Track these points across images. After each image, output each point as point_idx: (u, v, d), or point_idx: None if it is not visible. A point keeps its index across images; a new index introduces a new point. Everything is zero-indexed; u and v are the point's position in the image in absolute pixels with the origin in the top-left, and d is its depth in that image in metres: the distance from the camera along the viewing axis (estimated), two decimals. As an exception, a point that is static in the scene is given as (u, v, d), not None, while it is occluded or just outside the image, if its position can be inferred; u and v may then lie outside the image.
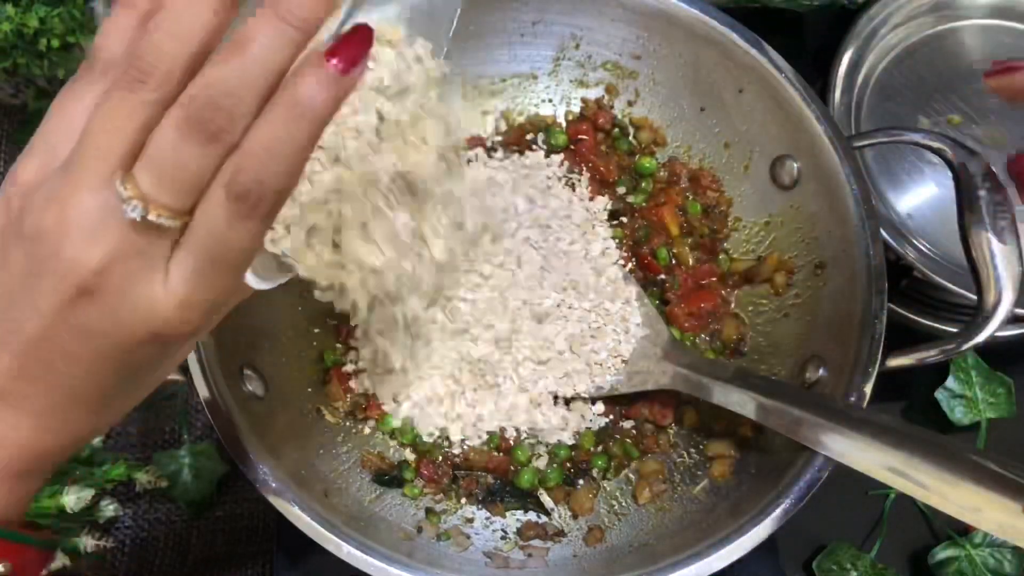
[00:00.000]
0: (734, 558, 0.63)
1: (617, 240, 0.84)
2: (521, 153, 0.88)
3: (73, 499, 0.84)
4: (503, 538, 0.74)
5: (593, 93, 0.89)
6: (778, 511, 0.64)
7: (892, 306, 0.91)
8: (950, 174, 0.72)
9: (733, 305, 0.83)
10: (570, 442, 0.78)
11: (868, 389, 0.67)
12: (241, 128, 0.39)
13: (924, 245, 0.85)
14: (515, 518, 0.76)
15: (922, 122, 0.91)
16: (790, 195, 0.80)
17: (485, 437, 0.77)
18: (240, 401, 0.68)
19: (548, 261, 0.77)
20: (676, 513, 0.74)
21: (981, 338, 0.67)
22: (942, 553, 0.85)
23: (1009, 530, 0.52)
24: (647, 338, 0.79)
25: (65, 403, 0.45)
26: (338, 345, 0.81)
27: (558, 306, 0.76)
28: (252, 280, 0.45)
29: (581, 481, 0.77)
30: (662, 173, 0.87)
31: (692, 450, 0.78)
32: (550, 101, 0.90)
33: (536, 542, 0.74)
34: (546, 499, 0.77)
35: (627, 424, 0.80)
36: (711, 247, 0.84)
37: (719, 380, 0.70)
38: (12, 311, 0.42)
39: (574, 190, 0.86)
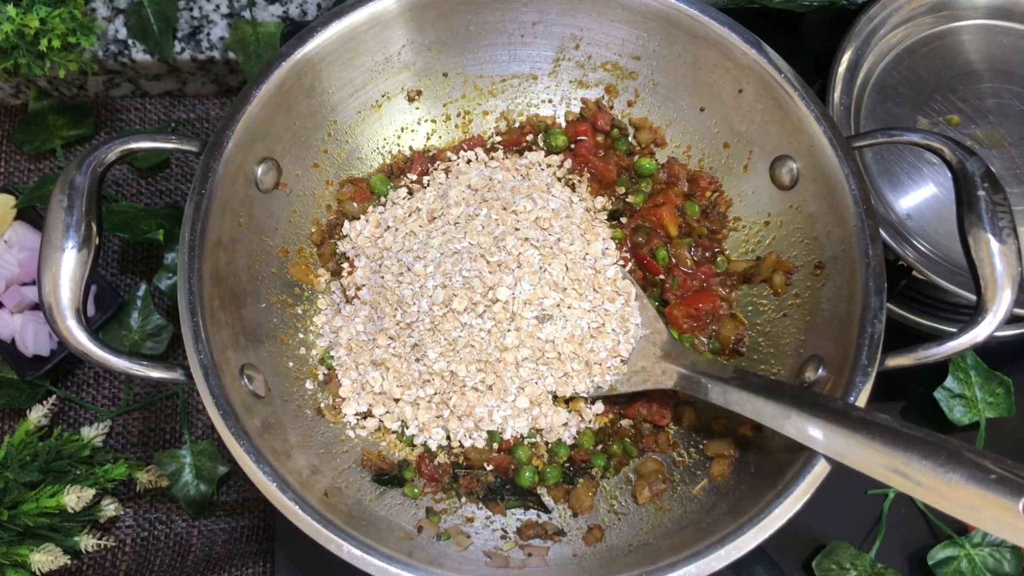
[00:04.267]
0: (734, 558, 0.63)
1: (617, 240, 0.84)
2: (521, 153, 0.88)
3: (74, 499, 0.85)
4: (503, 537, 0.75)
5: (593, 94, 0.89)
6: (777, 511, 0.64)
7: (891, 306, 0.91)
8: (949, 174, 0.72)
9: (732, 305, 0.83)
10: (570, 441, 0.79)
11: (867, 389, 0.67)
12: None
13: (923, 245, 0.85)
14: (515, 517, 0.76)
15: (921, 122, 0.91)
16: (789, 195, 0.80)
17: (485, 436, 0.77)
18: (241, 401, 0.68)
19: (548, 261, 0.77)
20: (675, 512, 0.74)
21: (980, 338, 0.67)
22: (941, 552, 0.85)
23: (1008, 529, 0.52)
24: (646, 338, 0.79)
25: None
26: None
27: (558, 306, 0.76)
28: None
29: (580, 480, 0.78)
30: (661, 174, 0.87)
31: (691, 449, 0.78)
32: (550, 101, 0.90)
33: (536, 541, 0.74)
34: (546, 497, 0.77)
35: (626, 423, 0.80)
36: (710, 247, 0.84)
37: (718, 380, 0.70)
38: None
39: (574, 190, 0.86)
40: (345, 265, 0.84)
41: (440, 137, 0.89)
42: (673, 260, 0.83)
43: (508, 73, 0.88)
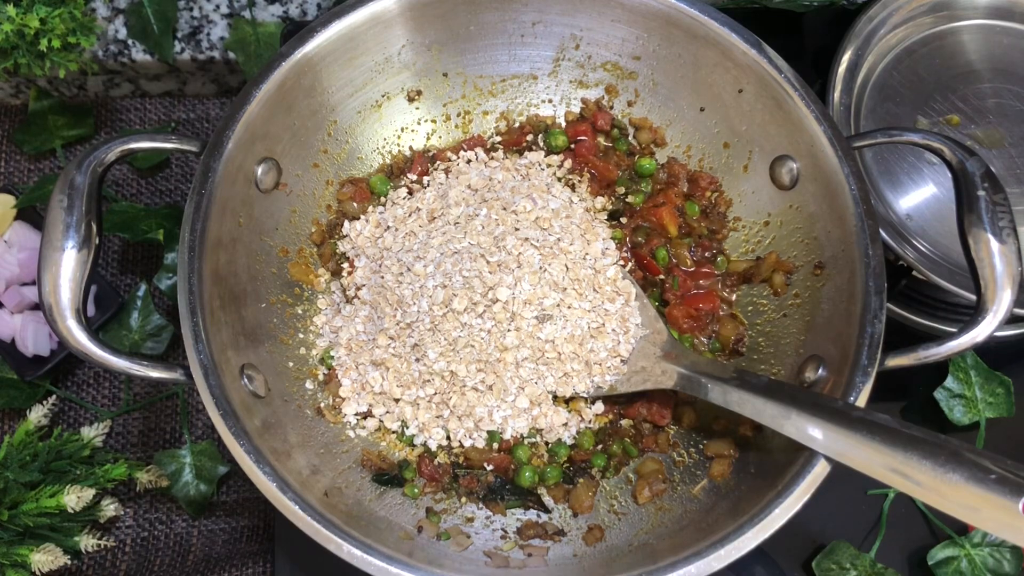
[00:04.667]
0: (734, 558, 0.63)
1: (617, 240, 0.84)
2: (521, 153, 0.88)
3: (74, 499, 0.85)
4: (503, 537, 0.75)
5: (593, 94, 0.89)
6: (777, 511, 0.64)
7: (891, 306, 0.91)
8: (949, 174, 0.72)
9: (732, 305, 0.83)
10: (570, 441, 0.79)
11: (867, 389, 0.67)
12: None
13: (923, 245, 0.85)
14: (515, 517, 0.76)
15: (921, 122, 0.91)
16: (789, 195, 0.80)
17: (485, 436, 0.77)
18: (241, 401, 0.68)
19: (548, 261, 0.77)
20: (675, 512, 0.74)
21: (980, 338, 0.67)
22: (941, 552, 0.85)
23: (1008, 529, 0.52)
24: (646, 338, 0.79)
25: None
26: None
27: (558, 306, 0.76)
28: None
29: (580, 480, 0.78)
30: (661, 174, 0.87)
31: (691, 449, 0.78)
32: (550, 101, 0.90)
33: (536, 541, 0.74)
34: (546, 498, 0.77)
35: (626, 423, 0.80)
36: (710, 247, 0.84)
37: (718, 380, 0.70)
38: None
39: (574, 190, 0.86)
40: (345, 265, 0.84)
41: (440, 137, 0.89)
42: (673, 260, 0.83)
43: (508, 73, 0.88)
